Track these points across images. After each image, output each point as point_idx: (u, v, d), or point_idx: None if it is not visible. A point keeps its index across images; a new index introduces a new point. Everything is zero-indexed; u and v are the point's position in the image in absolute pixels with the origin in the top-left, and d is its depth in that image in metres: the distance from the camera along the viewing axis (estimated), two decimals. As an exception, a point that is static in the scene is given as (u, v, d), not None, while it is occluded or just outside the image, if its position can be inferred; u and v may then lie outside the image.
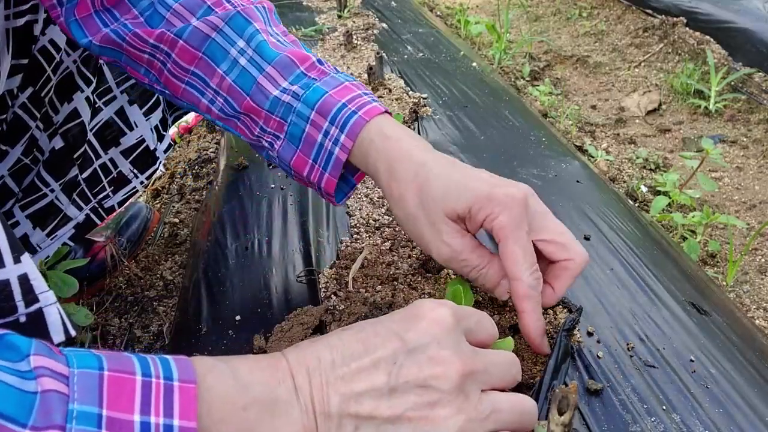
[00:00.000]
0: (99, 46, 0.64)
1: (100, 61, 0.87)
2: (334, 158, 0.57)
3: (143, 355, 0.35)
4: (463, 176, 0.53)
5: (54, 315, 0.44)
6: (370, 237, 0.78)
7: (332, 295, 0.66)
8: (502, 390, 0.44)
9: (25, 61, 0.73)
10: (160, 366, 0.35)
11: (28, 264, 0.42)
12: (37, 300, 0.43)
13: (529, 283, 0.51)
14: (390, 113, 0.59)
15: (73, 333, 0.45)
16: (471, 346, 0.43)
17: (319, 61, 0.61)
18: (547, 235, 0.53)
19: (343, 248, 0.75)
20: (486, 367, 0.42)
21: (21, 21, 0.69)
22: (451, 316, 0.42)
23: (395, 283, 0.68)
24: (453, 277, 0.67)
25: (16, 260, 0.41)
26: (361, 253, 0.72)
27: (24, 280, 0.41)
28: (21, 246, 0.42)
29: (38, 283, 0.42)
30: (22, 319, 0.42)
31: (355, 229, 0.79)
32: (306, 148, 0.58)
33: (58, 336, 0.44)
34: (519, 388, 0.57)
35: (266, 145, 0.62)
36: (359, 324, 0.44)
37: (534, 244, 0.53)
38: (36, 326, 0.43)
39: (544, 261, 0.55)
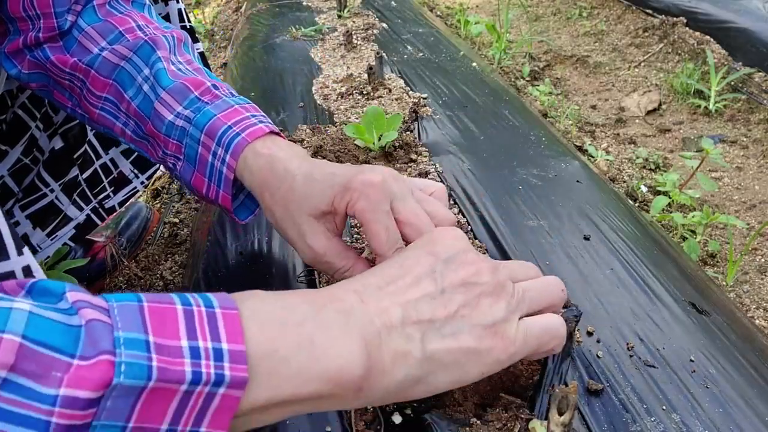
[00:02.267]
0: (27, 73, 0.67)
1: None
2: (224, 177, 0.60)
3: (180, 292, 0.36)
4: (324, 174, 0.55)
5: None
6: (370, 237, 0.78)
7: (332, 295, 0.66)
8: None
9: None
10: (200, 298, 0.35)
11: (30, 257, 0.43)
12: None
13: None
14: (279, 134, 0.62)
15: None
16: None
17: (214, 86, 0.64)
18: (402, 217, 0.54)
19: (343, 248, 0.75)
20: (506, 266, 0.48)
21: None
22: (464, 235, 0.49)
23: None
24: None
25: (19, 253, 0.42)
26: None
27: (27, 271, 0.42)
28: (21, 241, 0.43)
29: (40, 275, 0.44)
30: None
31: (356, 229, 0.79)
32: (201, 168, 0.62)
33: None
34: (517, 388, 0.57)
35: (171, 166, 0.65)
36: (383, 262, 0.47)
37: None
38: None
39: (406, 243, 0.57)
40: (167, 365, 0.30)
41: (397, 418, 0.53)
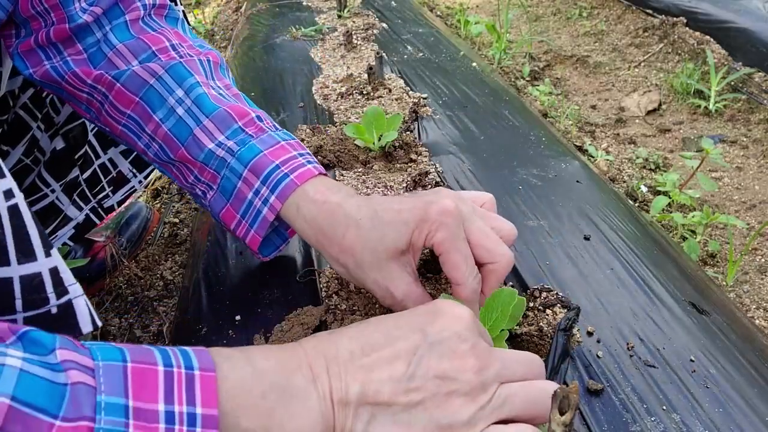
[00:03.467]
0: (39, 80, 0.65)
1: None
2: (262, 217, 0.58)
3: (163, 347, 0.36)
4: (391, 213, 0.53)
5: (82, 306, 0.45)
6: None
7: (333, 295, 0.66)
8: None
9: None
10: (181, 356, 0.35)
11: (57, 258, 0.43)
12: (66, 292, 0.44)
13: (472, 288, 0.53)
14: (325, 174, 0.59)
15: (99, 324, 0.46)
16: (487, 344, 0.44)
17: (258, 117, 0.62)
18: (473, 239, 0.53)
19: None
20: (504, 363, 0.43)
21: None
22: (470, 315, 0.43)
23: (395, 283, 0.68)
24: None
25: (47, 254, 0.42)
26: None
27: (54, 272, 0.43)
28: (50, 241, 0.43)
29: (67, 275, 0.44)
30: (54, 310, 0.43)
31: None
32: (236, 203, 0.60)
33: (86, 326, 0.45)
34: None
35: (199, 193, 0.63)
36: (380, 317, 0.45)
37: None
38: (65, 317, 0.44)
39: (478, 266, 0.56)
40: (142, 431, 0.32)
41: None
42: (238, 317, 0.66)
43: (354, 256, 0.54)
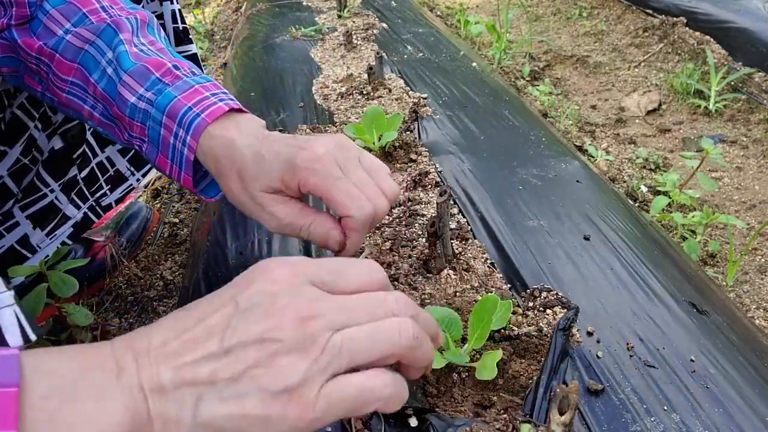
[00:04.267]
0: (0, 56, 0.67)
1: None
2: (185, 158, 0.61)
3: None
4: (271, 153, 0.57)
5: (8, 317, 0.42)
6: (370, 237, 0.78)
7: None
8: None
9: None
10: None
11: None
12: None
13: (361, 219, 0.55)
14: (241, 110, 0.62)
15: (32, 337, 0.43)
16: (321, 292, 0.40)
17: (175, 66, 0.64)
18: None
19: (343, 248, 0.75)
20: (338, 308, 0.39)
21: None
22: (289, 272, 0.40)
23: (396, 283, 0.68)
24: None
25: None
26: (361, 252, 0.72)
27: None
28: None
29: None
30: None
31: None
32: (164, 150, 0.63)
33: (14, 339, 0.42)
34: (517, 387, 0.57)
35: (137, 147, 0.65)
36: (198, 300, 0.41)
37: None
38: None
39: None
40: None
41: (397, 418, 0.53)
42: (237, 317, 0.66)
43: (236, 186, 0.58)
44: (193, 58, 0.95)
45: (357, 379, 0.38)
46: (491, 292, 0.68)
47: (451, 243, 0.72)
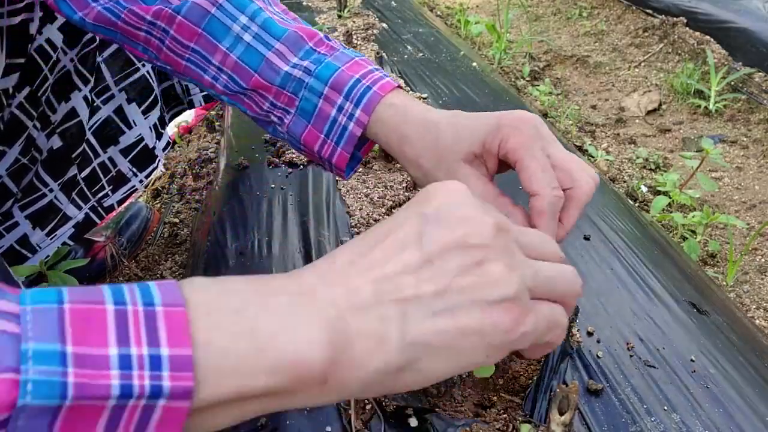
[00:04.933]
0: (92, 24, 0.63)
1: (98, 60, 0.86)
2: (348, 133, 0.57)
3: (118, 284, 0.31)
4: (470, 118, 0.53)
5: None
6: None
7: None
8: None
9: (22, 61, 0.73)
10: (139, 292, 0.30)
11: None
12: None
13: (549, 200, 0.48)
14: (401, 87, 0.60)
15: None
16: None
17: (326, 37, 0.61)
18: (554, 161, 0.50)
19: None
20: (519, 232, 0.37)
21: (16, 19, 0.69)
22: (466, 188, 0.38)
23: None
24: None
25: None
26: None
27: None
28: None
29: None
30: None
31: (356, 229, 0.79)
32: (318, 123, 0.58)
33: None
34: (517, 388, 0.57)
35: (275, 120, 0.61)
36: (370, 229, 0.38)
37: None
38: None
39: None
40: (88, 380, 0.26)
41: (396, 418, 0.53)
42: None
43: (430, 157, 0.54)
44: None
45: (547, 304, 0.36)
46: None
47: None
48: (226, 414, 0.31)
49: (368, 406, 0.54)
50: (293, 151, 0.97)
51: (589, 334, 0.62)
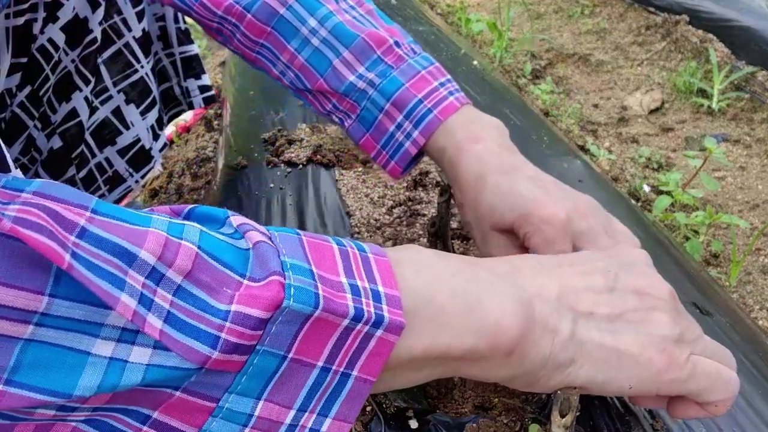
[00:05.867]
0: (168, 3, 0.65)
1: (98, 60, 0.86)
2: (404, 150, 0.58)
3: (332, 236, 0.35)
4: (513, 193, 0.52)
5: None
6: (371, 237, 0.78)
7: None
8: None
9: (24, 60, 0.72)
10: (352, 242, 0.34)
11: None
12: None
13: None
14: (468, 102, 0.61)
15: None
16: None
17: (396, 43, 0.61)
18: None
19: (342, 248, 0.75)
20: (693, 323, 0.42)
21: (21, 20, 0.68)
22: (648, 255, 0.44)
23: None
24: None
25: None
26: None
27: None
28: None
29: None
30: None
31: (356, 229, 0.79)
32: (376, 134, 0.60)
33: None
34: (515, 391, 0.56)
35: (336, 120, 0.63)
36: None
37: None
38: None
39: None
40: (332, 296, 0.29)
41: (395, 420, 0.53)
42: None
43: (470, 210, 0.55)
44: (194, 58, 0.95)
45: (716, 365, 0.40)
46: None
47: (452, 243, 0.71)
48: (427, 371, 0.34)
49: (368, 408, 0.54)
50: (292, 150, 0.97)
51: (591, 335, 0.62)
